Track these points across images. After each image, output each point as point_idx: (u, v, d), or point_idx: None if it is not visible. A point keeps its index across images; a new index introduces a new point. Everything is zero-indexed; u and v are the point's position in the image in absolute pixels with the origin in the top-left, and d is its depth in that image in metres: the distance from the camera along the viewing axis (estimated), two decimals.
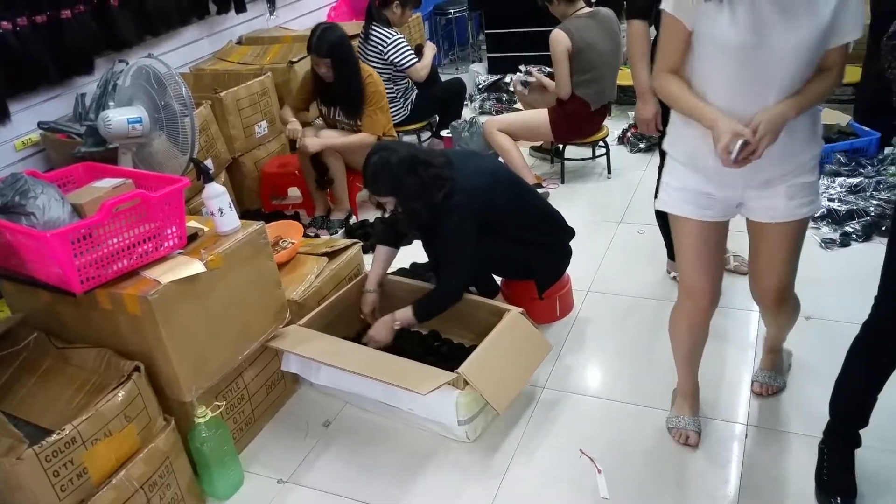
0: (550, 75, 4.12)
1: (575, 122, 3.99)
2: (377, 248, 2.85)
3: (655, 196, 2.94)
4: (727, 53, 1.72)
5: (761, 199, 1.90)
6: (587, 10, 3.83)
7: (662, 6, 1.79)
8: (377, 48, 4.27)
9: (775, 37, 1.67)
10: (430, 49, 4.57)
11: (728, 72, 1.75)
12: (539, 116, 4.02)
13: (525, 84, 4.28)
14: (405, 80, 4.48)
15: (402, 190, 2.51)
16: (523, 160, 4.06)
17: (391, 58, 4.25)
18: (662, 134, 2.73)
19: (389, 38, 4.25)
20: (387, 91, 4.30)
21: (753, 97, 1.75)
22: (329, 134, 3.81)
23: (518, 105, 5.04)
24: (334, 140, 3.76)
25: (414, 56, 4.31)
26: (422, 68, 4.36)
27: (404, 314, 2.59)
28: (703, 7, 1.70)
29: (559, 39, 3.75)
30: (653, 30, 2.72)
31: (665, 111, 2.68)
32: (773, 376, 2.43)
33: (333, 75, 3.64)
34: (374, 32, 4.29)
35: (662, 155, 2.64)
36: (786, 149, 1.81)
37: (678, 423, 2.30)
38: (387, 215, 2.74)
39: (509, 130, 4.03)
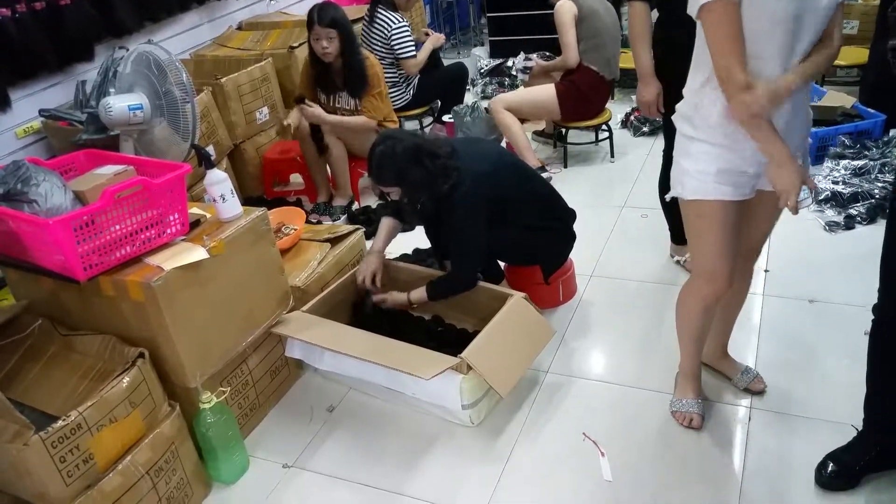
0: (549, 59, 4.11)
1: (583, 94, 3.97)
2: (382, 219, 2.86)
3: (660, 184, 2.95)
4: (777, 27, 1.69)
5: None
6: None
7: (704, 1, 1.68)
8: (382, 32, 4.25)
9: (809, 0, 1.67)
10: (430, 42, 4.54)
11: (779, 44, 1.72)
12: (546, 92, 3.99)
13: (526, 70, 4.24)
14: None
15: (407, 180, 2.50)
16: (527, 141, 4.04)
17: (393, 43, 4.23)
18: (666, 115, 2.73)
19: (395, 24, 4.23)
20: (389, 75, 4.30)
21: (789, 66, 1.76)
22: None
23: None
24: (334, 117, 3.74)
25: (413, 49, 4.29)
26: (415, 65, 4.34)
27: (418, 294, 2.63)
28: None
29: (565, 6, 3.77)
30: (654, 13, 2.71)
31: (667, 93, 2.67)
32: (752, 371, 2.41)
33: (338, 48, 3.58)
34: (379, 16, 4.27)
35: (670, 139, 2.61)
36: (806, 115, 1.88)
37: (681, 406, 2.30)
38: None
39: (516, 108, 3.99)
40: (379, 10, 4.28)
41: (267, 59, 4.06)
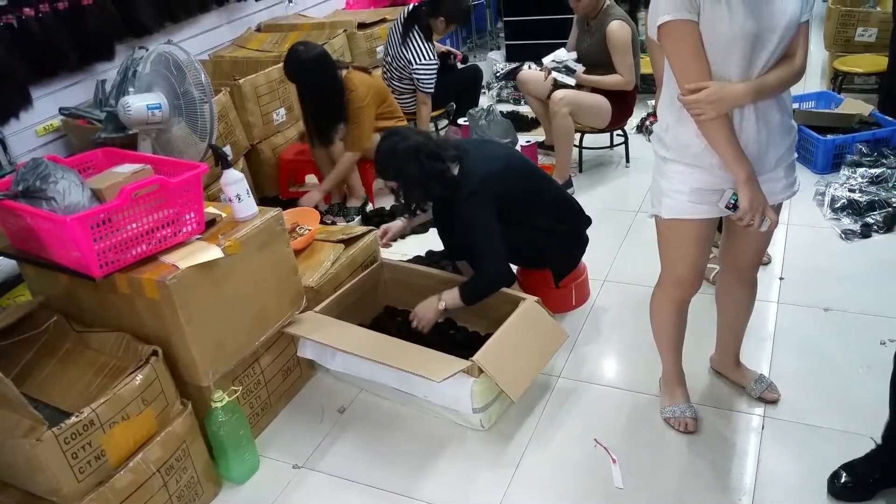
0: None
1: (629, 108, 4.00)
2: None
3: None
4: (733, 45, 1.71)
5: (764, 183, 1.89)
6: (608, 0, 3.81)
7: (662, 21, 1.72)
8: (408, 59, 4.26)
9: (768, 19, 1.69)
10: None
11: (736, 61, 1.74)
12: (602, 104, 3.90)
13: (569, 72, 3.81)
14: None
15: (404, 177, 2.57)
16: (570, 155, 3.98)
17: (416, 75, 4.27)
18: None
19: (421, 59, 4.24)
20: (406, 85, 4.34)
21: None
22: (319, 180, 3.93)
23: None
24: (328, 183, 3.83)
25: (432, 87, 4.32)
26: (424, 104, 4.36)
27: (451, 295, 2.55)
28: (701, 5, 1.69)
29: (625, 29, 3.70)
30: None
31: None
32: (766, 380, 2.38)
33: (301, 99, 3.74)
34: (412, 41, 4.26)
35: None
36: (783, 127, 1.86)
37: (673, 412, 2.30)
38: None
39: (576, 109, 3.85)
40: (413, 35, 4.27)
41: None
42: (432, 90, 4.32)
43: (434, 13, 4.29)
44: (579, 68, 3.82)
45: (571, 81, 3.81)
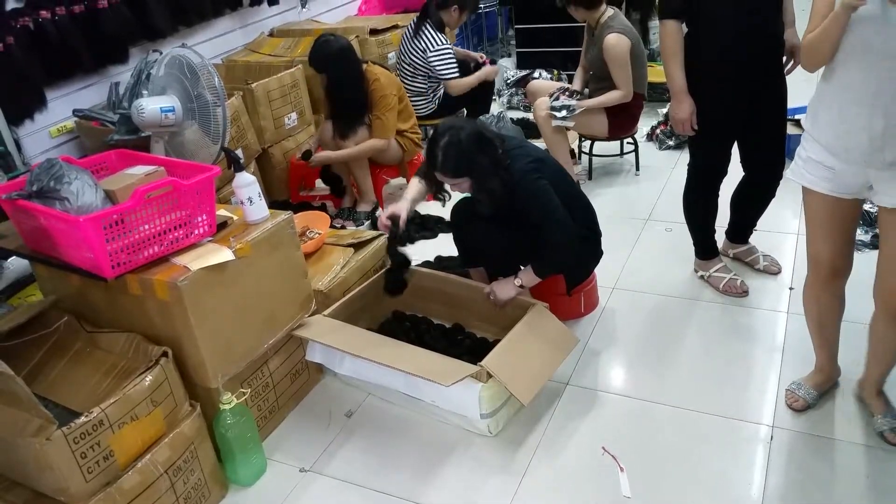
0: (579, 97, 3.98)
1: (632, 116, 3.98)
2: (413, 179, 2.73)
3: (685, 198, 2.95)
4: (854, 25, 1.77)
5: (892, 182, 1.89)
6: (610, 11, 3.78)
7: None
8: (423, 50, 4.28)
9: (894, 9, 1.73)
10: (483, 72, 4.50)
11: (856, 46, 1.80)
12: (593, 111, 3.89)
13: (568, 111, 3.81)
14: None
15: (477, 169, 2.44)
16: (569, 158, 3.99)
17: (433, 63, 4.28)
18: (696, 132, 2.71)
19: (436, 45, 4.28)
20: (418, 85, 4.36)
21: (879, 72, 1.81)
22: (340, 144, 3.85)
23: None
24: (339, 153, 3.77)
25: (455, 70, 4.33)
26: (456, 86, 4.36)
27: (526, 274, 2.56)
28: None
29: (623, 44, 3.64)
30: (684, 26, 2.69)
31: (699, 112, 2.65)
32: None
33: (327, 90, 3.73)
34: (424, 32, 4.30)
35: (696, 154, 2.65)
36: None
37: (795, 387, 2.36)
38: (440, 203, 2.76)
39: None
40: (426, 27, 4.31)
41: (297, 66, 4.09)
42: (455, 73, 4.32)
43: (445, 4, 4.32)
44: (572, 103, 3.80)
45: (571, 124, 3.85)
